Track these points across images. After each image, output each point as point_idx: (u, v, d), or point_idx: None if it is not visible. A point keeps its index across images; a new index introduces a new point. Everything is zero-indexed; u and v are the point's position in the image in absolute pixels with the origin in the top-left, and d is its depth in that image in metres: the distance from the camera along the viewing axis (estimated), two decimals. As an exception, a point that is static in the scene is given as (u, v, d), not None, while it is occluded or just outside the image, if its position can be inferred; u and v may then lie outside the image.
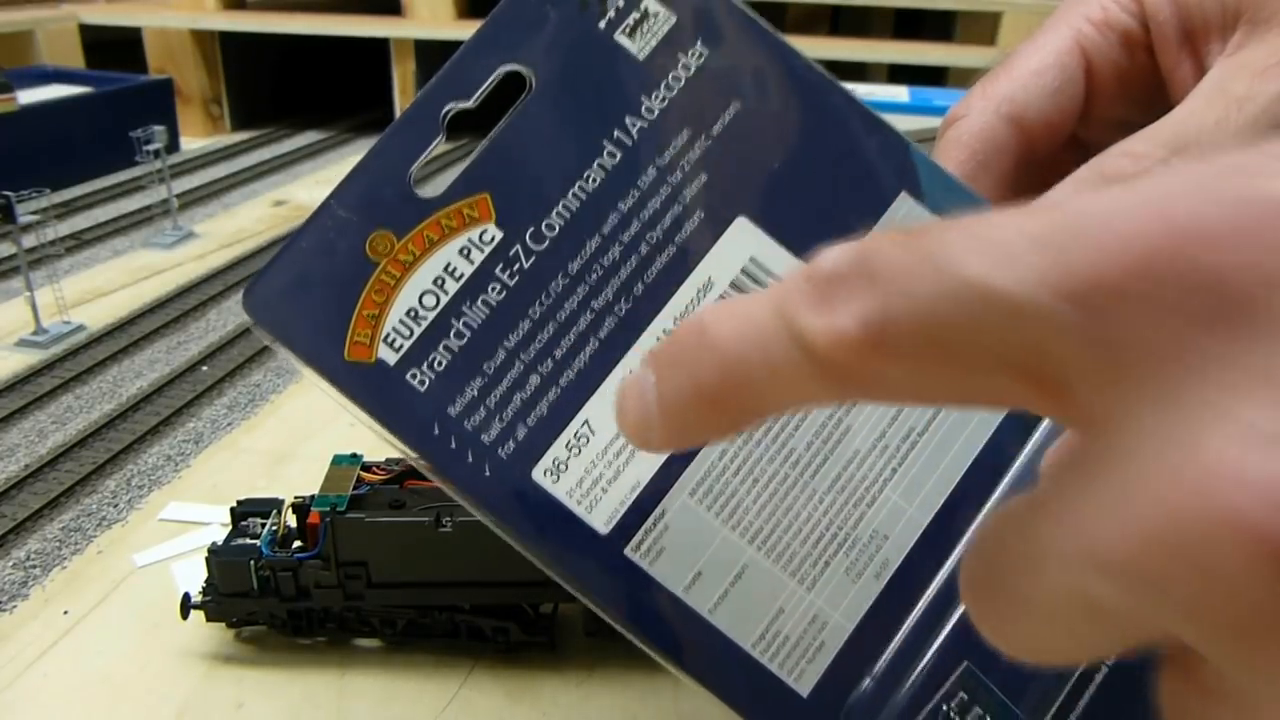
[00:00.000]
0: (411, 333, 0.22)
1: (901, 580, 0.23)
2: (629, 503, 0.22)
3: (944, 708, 0.22)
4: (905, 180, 0.24)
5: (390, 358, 0.22)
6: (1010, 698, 0.22)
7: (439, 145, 0.22)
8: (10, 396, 0.55)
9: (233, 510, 0.35)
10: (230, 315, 0.68)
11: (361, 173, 0.22)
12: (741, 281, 0.23)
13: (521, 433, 0.22)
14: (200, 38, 1.18)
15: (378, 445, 0.45)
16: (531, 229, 0.22)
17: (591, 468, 0.22)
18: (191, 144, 1.13)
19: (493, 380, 0.22)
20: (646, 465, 0.22)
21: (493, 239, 0.22)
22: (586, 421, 0.22)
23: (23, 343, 0.61)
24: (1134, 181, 0.11)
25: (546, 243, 0.22)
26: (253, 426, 0.53)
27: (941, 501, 0.23)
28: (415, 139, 0.22)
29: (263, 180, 1.01)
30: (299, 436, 0.52)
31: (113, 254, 0.78)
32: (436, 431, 0.22)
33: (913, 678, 0.22)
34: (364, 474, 0.35)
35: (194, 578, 0.37)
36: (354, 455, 0.36)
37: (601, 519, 0.22)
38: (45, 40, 1.18)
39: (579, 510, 0.22)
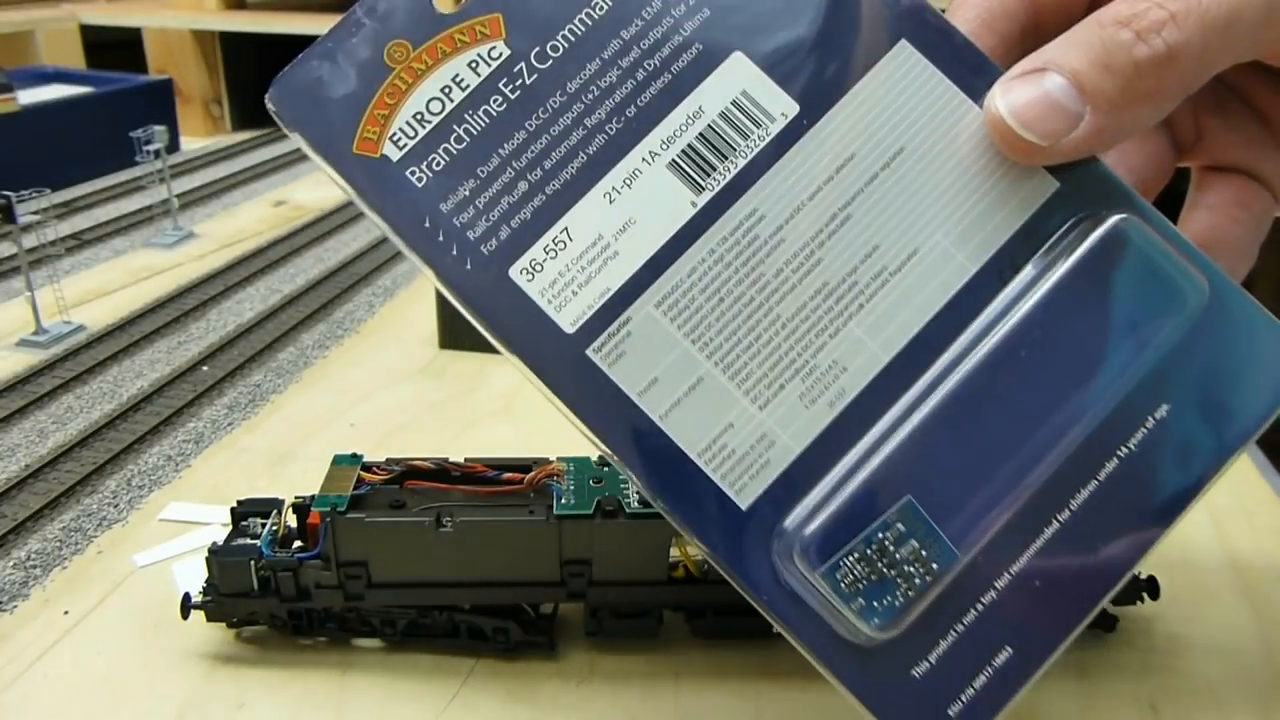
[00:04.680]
0: (416, 134, 0.24)
1: (854, 412, 0.23)
2: (596, 307, 0.23)
3: (879, 536, 0.22)
4: (905, 28, 0.24)
5: (394, 154, 0.24)
6: (950, 538, 0.22)
7: None
8: (10, 396, 0.55)
9: (233, 510, 0.35)
10: (230, 315, 0.68)
11: None
12: (731, 113, 0.24)
13: (504, 233, 0.23)
14: (200, 38, 1.18)
15: (378, 445, 0.45)
16: (537, 49, 0.24)
17: (565, 271, 0.23)
18: (191, 144, 1.13)
19: (484, 183, 0.24)
20: (616, 275, 0.23)
21: (500, 55, 0.24)
22: (566, 229, 0.23)
23: (23, 343, 0.61)
24: None
25: (549, 63, 0.24)
26: (253, 426, 0.53)
27: (904, 343, 0.23)
28: None
29: (263, 180, 1.01)
30: (299, 436, 0.52)
31: (113, 254, 0.78)
32: (427, 225, 0.23)
33: (851, 504, 0.23)
34: (364, 474, 0.35)
35: (194, 578, 0.37)
36: (354, 455, 0.36)
37: (569, 319, 0.23)
38: (45, 40, 1.18)
39: (548, 309, 0.23)
